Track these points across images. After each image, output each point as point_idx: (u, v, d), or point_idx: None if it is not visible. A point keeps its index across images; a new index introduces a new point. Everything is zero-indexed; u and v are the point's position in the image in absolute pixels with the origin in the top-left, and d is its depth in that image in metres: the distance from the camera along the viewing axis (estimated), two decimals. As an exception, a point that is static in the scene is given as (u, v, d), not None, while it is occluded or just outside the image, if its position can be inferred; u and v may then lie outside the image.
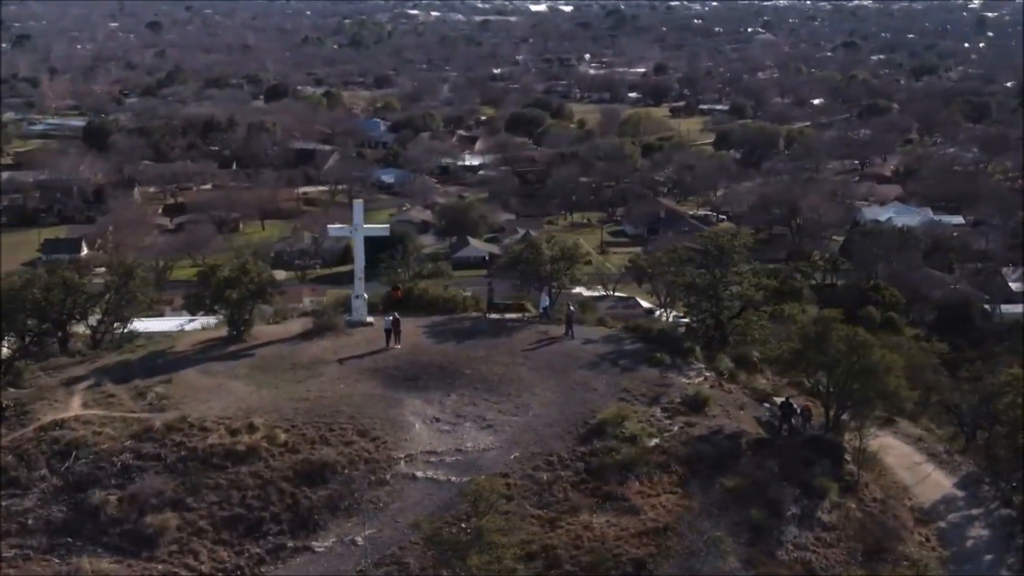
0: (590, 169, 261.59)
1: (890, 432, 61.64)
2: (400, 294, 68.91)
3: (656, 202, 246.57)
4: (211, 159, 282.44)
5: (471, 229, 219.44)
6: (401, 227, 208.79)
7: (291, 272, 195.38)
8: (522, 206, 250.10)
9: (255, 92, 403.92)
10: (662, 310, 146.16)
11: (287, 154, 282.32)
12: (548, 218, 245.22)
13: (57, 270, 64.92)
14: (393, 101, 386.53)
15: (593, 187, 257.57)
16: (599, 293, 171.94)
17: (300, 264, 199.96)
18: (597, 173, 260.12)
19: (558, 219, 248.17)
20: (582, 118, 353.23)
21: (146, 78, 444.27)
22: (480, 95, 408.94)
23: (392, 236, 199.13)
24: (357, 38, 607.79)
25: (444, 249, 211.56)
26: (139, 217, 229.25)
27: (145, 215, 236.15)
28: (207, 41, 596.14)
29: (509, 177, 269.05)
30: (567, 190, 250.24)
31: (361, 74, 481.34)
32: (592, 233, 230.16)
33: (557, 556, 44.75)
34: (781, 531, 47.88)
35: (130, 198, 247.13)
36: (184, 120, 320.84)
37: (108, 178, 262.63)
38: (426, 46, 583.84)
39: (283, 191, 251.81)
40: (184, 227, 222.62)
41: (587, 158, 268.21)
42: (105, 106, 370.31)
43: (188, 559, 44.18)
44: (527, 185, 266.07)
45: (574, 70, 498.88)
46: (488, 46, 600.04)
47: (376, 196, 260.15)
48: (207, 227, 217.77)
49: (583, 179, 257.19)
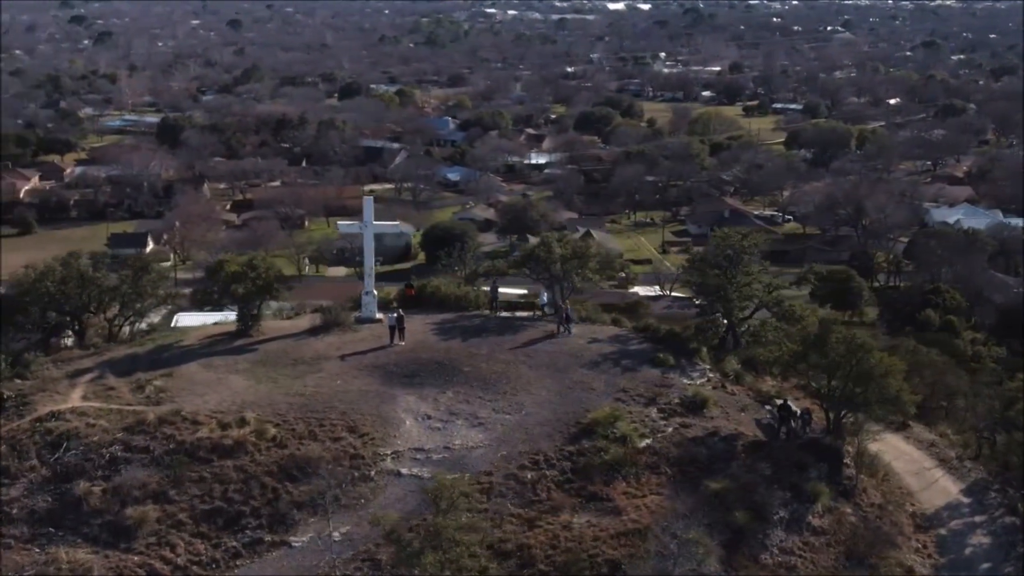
0: (656, 168, 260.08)
1: (903, 436, 60.72)
2: (414, 292, 69.08)
3: (721, 201, 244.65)
4: (282, 156, 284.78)
5: (531, 227, 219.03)
6: (462, 225, 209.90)
7: (351, 268, 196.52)
8: (585, 205, 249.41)
9: (330, 90, 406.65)
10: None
11: (355, 151, 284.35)
12: (611, 217, 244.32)
13: (72, 263, 65.57)
14: (465, 99, 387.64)
15: (659, 186, 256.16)
16: (655, 293, 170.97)
17: (360, 260, 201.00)
18: (663, 172, 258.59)
19: (621, 218, 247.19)
20: (652, 117, 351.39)
21: (223, 75, 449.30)
22: (552, 93, 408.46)
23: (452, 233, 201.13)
24: (433, 37, 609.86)
25: (504, 247, 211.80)
26: (206, 213, 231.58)
27: (212, 211, 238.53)
28: (286, 39, 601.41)
29: (574, 176, 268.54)
30: (631, 189, 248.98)
31: (435, 72, 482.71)
32: (655, 232, 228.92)
33: (532, 555, 44.58)
34: (766, 535, 47.31)
35: (199, 194, 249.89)
36: (256, 117, 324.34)
37: (179, 174, 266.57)
38: (501, 45, 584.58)
39: (349, 188, 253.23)
40: (249, 223, 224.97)
41: (653, 157, 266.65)
42: (181, 103, 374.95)
43: (165, 551, 44.60)
44: (592, 184, 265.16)
45: (648, 68, 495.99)
46: (563, 44, 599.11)
47: (440, 194, 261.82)
48: (271, 223, 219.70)
49: (649, 178, 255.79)
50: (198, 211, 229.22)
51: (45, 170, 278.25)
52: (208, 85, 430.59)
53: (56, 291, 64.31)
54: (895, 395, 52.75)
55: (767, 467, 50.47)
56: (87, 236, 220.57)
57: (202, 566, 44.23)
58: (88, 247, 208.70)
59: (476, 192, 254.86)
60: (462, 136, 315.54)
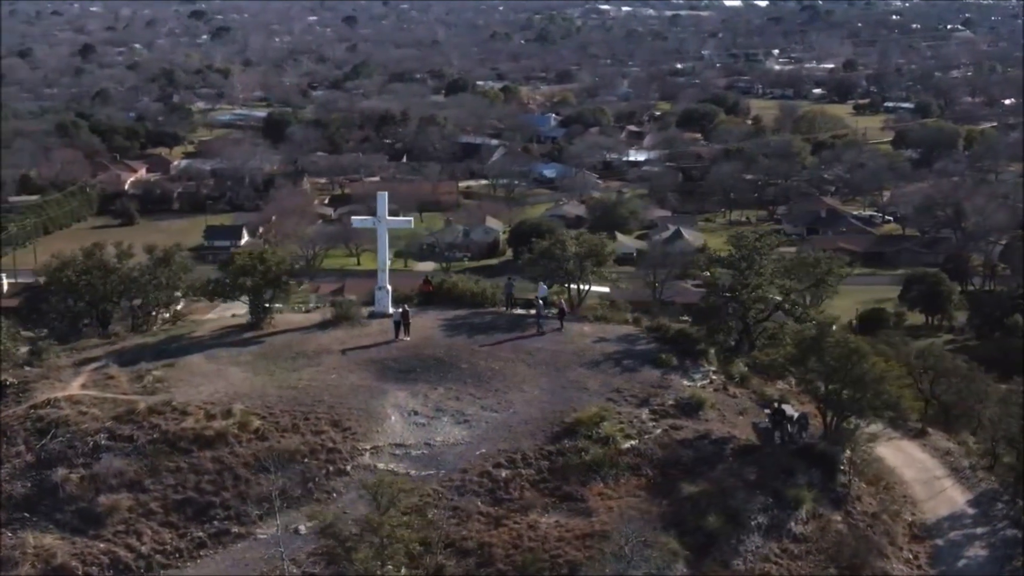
0: (756, 166, 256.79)
1: (920, 444, 59.07)
2: (431, 287, 69.07)
3: (819, 201, 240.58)
4: (383, 152, 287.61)
5: (621, 225, 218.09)
6: (549, 222, 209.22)
7: (439, 264, 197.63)
8: (680, 203, 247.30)
9: (437, 86, 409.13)
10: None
11: (453, 148, 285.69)
12: (705, 215, 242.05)
13: (95, 253, 66.80)
14: (570, 96, 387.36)
15: (758, 184, 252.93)
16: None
17: (448, 256, 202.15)
18: (763, 170, 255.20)
19: (716, 216, 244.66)
20: (758, 114, 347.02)
21: (334, 72, 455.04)
22: (659, 90, 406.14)
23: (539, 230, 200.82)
24: (544, 33, 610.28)
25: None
26: (302, 206, 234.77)
27: (309, 205, 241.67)
28: (399, 36, 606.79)
29: (670, 173, 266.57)
30: (726, 187, 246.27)
31: (543, 69, 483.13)
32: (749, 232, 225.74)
33: (492, 554, 44.20)
34: (741, 540, 46.21)
35: (298, 188, 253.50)
36: (360, 113, 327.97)
37: (281, 168, 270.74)
38: (612, 41, 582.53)
39: (443, 184, 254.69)
40: (343, 217, 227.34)
41: (752, 154, 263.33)
42: (291, 98, 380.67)
43: (131, 539, 45.09)
44: (691, 182, 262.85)
45: (759, 66, 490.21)
46: (675, 41, 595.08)
47: (535, 190, 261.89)
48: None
49: (747, 176, 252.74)
50: (294, 205, 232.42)
51: (152, 162, 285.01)
52: (319, 81, 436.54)
53: (77, 280, 65.65)
54: (895, 401, 51.24)
55: (752, 471, 49.36)
56: (186, 228, 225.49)
57: (165, 555, 44.67)
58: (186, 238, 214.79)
59: (571, 189, 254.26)
60: (563, 133, 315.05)
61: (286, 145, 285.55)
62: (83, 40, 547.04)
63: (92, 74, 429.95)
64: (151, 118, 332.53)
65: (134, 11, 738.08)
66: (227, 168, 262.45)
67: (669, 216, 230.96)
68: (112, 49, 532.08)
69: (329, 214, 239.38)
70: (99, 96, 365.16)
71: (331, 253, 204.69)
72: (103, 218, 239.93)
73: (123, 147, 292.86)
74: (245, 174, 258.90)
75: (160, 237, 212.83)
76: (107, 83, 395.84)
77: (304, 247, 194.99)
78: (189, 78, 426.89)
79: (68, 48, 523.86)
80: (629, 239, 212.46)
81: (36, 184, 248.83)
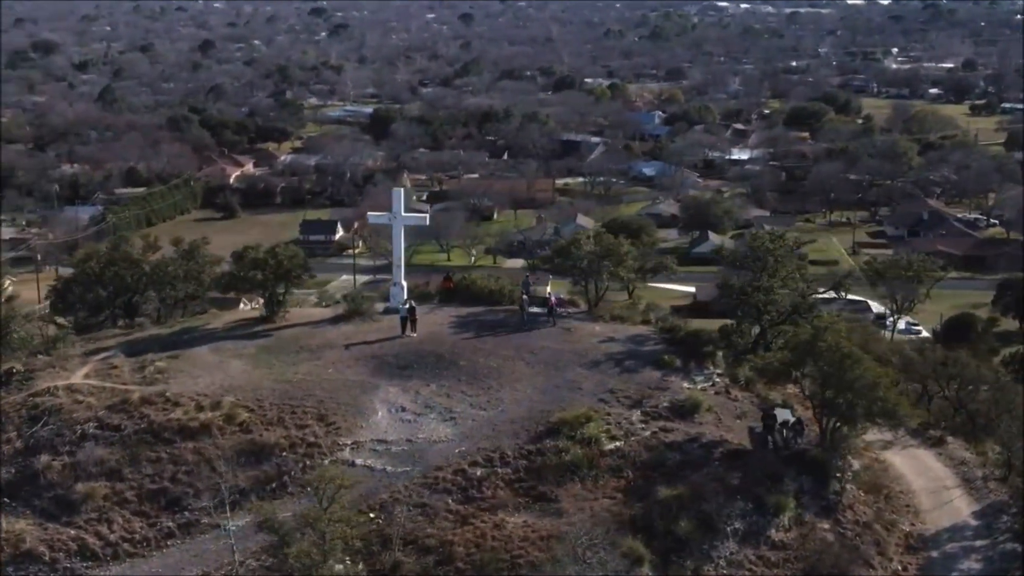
0: (860, 166, 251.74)
1: (936, 453, 57.26)
2: (452, 284, 69.04)
3: (923, 202, 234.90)
4: (484, 148, 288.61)
5: (715, 224, 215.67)
6: (640, 220, 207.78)
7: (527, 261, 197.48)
8: (780, 202, 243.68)
9: (545, 84, 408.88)
10: (895, 316, 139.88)
11: (554, 145, 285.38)
12: (805, 215, 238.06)
13: (120, 245, 68.15)
14: (678, 93, 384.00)
15: (862, 185, 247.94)
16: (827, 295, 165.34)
17: (536, 253, 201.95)
18: (867, 170, 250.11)
19: (816, 217, 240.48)
20: (869, 113, 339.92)
21: (446, 69, 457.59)
22: (770, 88, 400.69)
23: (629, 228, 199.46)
24: (658, 31, 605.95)
25: (685, 243, 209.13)
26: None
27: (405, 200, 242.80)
28: (513, 34, 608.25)
29: (773, 172, 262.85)
30: (829, 187, 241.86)
31: (654, 66, 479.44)
32: (849, 233, 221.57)
33: (453, 553, 43.84)
34: (713, 546, 45.19)
35: (398, 184, 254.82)
36: (465, 110, 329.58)
37: (382, 164, 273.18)
38: (727, 39, 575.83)
39: (540, 181, 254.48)
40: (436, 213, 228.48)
41: (858, 154, 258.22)
42: (401, 95, 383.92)
43: (102, 527, 45.75)
44: (793, 181, 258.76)
45: (877, 64, 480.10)
46: (791, 39, 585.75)
47: (631, 188, 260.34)
48: (457, 214, 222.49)
49: (851, 176, 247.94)
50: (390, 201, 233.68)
51: (259, 157, 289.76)
52: (430, 78, 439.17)
53: (101, 272, 66.94)
54: (891, 408, 49.62)
55: (736, 476, 48.22)
56: (286, 221, 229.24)
57: (133, 544, 45.22)
58: (284, 232, 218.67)
59: (668, 187, 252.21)
60: (666, 131, 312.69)
61: (389, 141, 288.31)
62: (204, 36, 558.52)
63: (209, 69, 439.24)
64: (262, 113, 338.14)
65: (256, 8, 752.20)
66: (329, 163, 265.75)
67: (766, 216, 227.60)
68: (231, 45, 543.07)
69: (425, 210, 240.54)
70: (213, 91, 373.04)
71: (421, 249, 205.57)
72: (206, 211, 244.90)
73: (232, 142, 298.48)
74: (346, 169, 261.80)
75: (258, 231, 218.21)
76: (223, 79, 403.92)
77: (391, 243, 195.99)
78: (303, 74, 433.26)
79: (188, 44, 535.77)
80: (721, 238, 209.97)
81: (143, 177, 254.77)
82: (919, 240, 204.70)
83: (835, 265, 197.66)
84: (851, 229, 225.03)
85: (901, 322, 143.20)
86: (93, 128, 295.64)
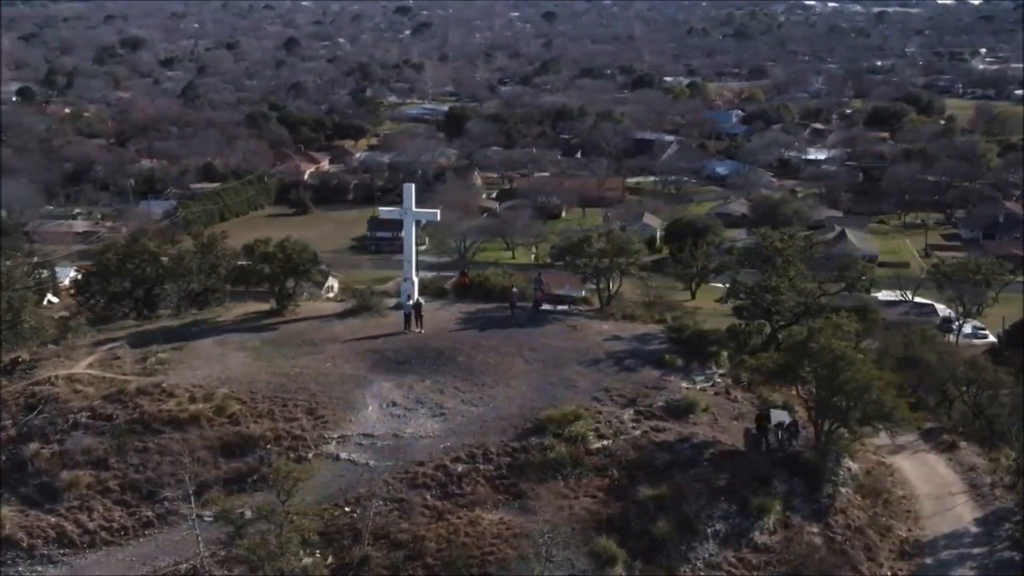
0: (938, 167, 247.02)
1: (946, 458, 55.88)
2: (468, 281, 68.91)
3: (999, 204, 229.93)
4: (557, 147, 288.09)
5: (784, 224, 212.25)
6: (707, 220, 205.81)
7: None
8: (854, 203, 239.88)
9: (624, 82, 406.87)
10: (960, 319, 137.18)
11: (627, 144, 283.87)
12: (879, 217, 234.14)
13: (140, 239, 68.81)
14: (758, 92, 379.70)
15: (939, 186, 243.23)
16: (894, 297, 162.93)
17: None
18: (945, 171, 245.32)
19: (890, 218, 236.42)
20: (952, 114, 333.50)
21: (526, 67, 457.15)
22: (853, 87, 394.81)
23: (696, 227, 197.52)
24: (743, 29, 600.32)
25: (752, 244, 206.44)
26: (465, 200, 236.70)
27: (475, 198, 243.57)
28: (596, 32, 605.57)
29: (848, 172, 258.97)
30: (905, 188, 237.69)
31: (736, 65, 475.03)
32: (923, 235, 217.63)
33: (423, 548, 43.57)
34: (691, 547, 44.43)
35: (467, 182, 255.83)
36: (540, 109, 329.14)
37: (455, 161, 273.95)
38: (813, 38, 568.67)
39: (610, 180, 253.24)
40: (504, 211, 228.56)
41: (936, 155, 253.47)
42: (480, 93, 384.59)
43: (82, 515, 46.12)
44: (870, 182, 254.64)
45: (964, 64, 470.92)
46: (878, 38, 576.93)
47: (702, 188, 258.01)
48: (525, 212, 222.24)
49: (928, 178, 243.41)
50: (458, 198, 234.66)
51: (335, 154, 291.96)
52: (509, 76, 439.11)
53: (119, 264, 67.69)
54: (887, 411, 48.43)
55: (724, 478, 47.38)
56: (355, 218, 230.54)
57: (111, 532, 45.56)
58: (354, 229, 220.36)
59: (741, 187, 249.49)
60: (744, 130, 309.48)
61: (463, 139, 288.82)
62: (290, 34, 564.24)
63: (293, 67, 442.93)
64: (341, 111, 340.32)
65: (342, 7, 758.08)
66: (402, 161, 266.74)
67: (839, 217, 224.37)
68: (316, 43, 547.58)
69: (493, 208, 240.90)
70: (294, 88, 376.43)
71: (487, 246, 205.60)
72: (279, 207, 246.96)
73: (309, 139, 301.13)
74: (419, 167, 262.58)
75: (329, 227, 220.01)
76: (305, 76, 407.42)
77: (456, 240, 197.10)
78: (384, 72, 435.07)
79: (274, 41, 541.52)
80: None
81: (218, 172, 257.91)
82: (994, 243, 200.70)
83: (906, 267, 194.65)
84: (925, 231, 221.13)
85: (967, 326, 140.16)
86: (173, 124, 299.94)
